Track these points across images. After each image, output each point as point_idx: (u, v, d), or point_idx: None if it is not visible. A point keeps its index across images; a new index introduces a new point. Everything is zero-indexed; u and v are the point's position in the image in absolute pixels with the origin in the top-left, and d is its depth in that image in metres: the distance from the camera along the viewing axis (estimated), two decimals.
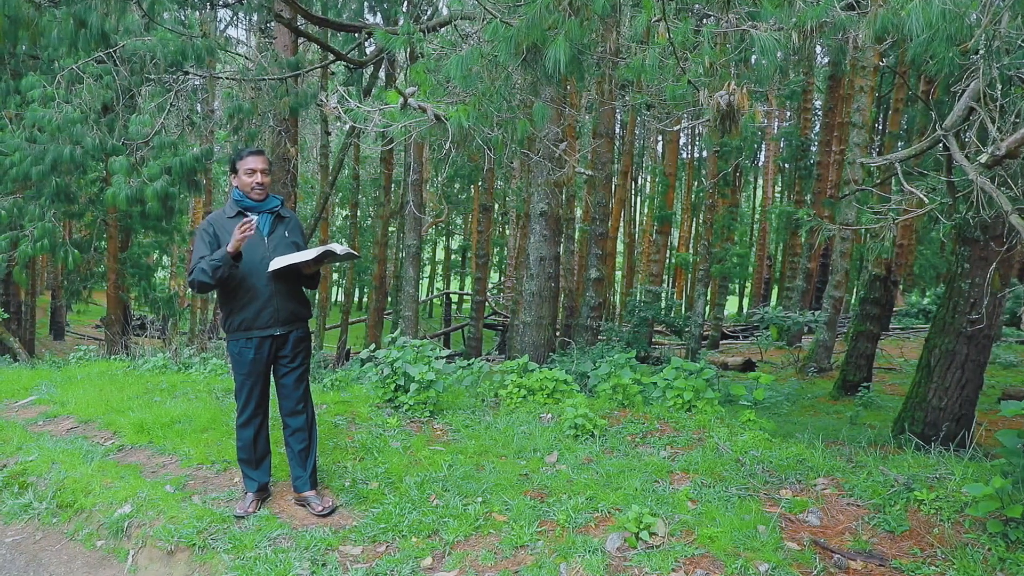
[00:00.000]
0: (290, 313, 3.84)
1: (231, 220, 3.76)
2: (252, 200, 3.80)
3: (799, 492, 3.64)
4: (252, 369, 3.80)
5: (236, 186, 3.84)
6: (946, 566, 2.83)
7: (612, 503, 3.49)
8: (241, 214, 3.78)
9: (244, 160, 3.78)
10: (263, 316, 3.75)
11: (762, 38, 3.91)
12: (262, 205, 3.83)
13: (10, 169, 10.47)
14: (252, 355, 3.77)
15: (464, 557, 3.20)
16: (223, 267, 3.58)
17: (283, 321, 3.81)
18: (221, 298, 3.84)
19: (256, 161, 3.79)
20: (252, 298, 3.74)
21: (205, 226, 3.78)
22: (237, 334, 3.79)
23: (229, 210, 3.82)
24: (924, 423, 7.03)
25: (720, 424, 4.66)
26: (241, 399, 3.87)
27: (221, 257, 3.57)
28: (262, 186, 3.80)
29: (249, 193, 3.79)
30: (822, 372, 15.37)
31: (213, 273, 3.56)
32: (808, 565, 2.92)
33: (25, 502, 4.33)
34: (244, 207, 3.80)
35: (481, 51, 4.77)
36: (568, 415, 4.64)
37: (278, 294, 3.77)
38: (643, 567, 2.92)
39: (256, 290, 3.74)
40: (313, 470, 3.96)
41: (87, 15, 6.62)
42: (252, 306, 3.74)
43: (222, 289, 3.74)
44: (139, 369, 7.43)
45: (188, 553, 3.52)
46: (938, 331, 7.15)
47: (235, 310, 3.77)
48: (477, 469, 4.14)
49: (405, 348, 5.39)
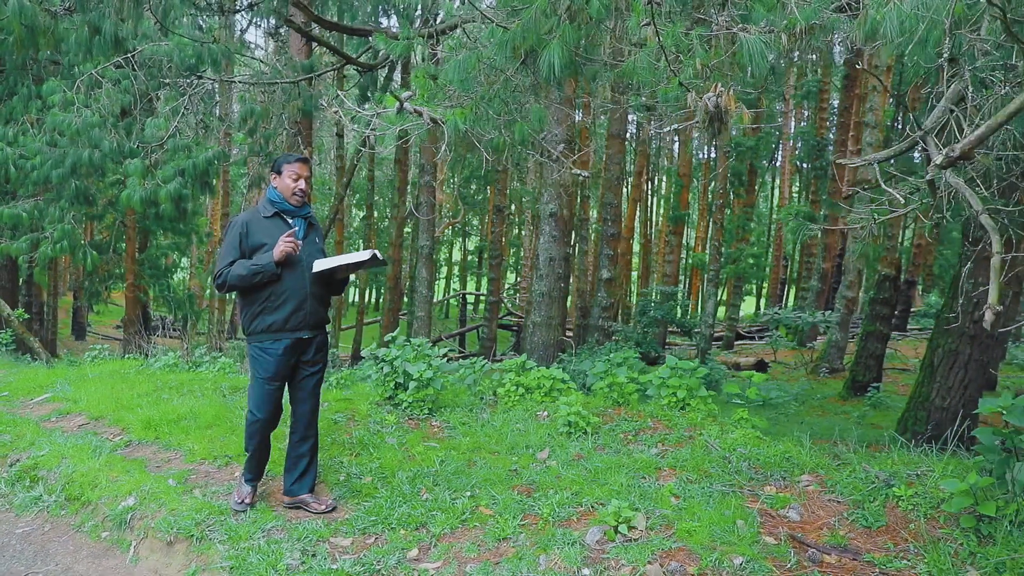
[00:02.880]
0: (319, 317, 3.87)
1: (267, 220, 3.78)
2: (290, 205, 3.81)
3: (783, 488, 3.69)
4: (276, 372, 3.79)
5: (276, 187, 3.83)
6: (917, 560, 2.87)
7: (596, 498, 3.57)
8: (278, 215, 3.80)
9: (291, 164, 3.80)
10: (294, 319, 3.74)
11: (750, 41, 3.96)
12: (299, 211, 3.85)
13: (31, 172, 10.74)
14: (278, 357, 3.75)
15: (449, 549, 3.29)
16: (264, 274, 3.62)
17: (311, 325, 3.82)
18: (245, 301, 3.79)
19: (302, 168, 3.81)
20: (285, 300, 3.72)
21: (239, 227, 3.76)
22: (263, 336, 3.76)
23: (264, 210, 3.82)
24: (927, 422, 7.03)
25: (712, 422, 4.72)
26: (256, 400, 3.83)
27: (265, 264, 3.61)
28: (303, 193, 3.82)
29: (289, 198, 3.80)
30: (834, 372, 15.32)
31: (251, 278, 3.60)
32: (783, 559, 2.97)
33: (35, 495, 4.48)
34: (282, 210, 3.81)
35: (479, 55, 4.87)
36: (562, 413, 4.72)
37: (312, 297, 3.79)
38: (620, 559, 2.99)
39: (291, 292, 3.72)
40: (314, 472, 3.98)
41: (101, 22, 6.80)
42: (284, 308, 3.72)
43: (251, 293, 3.73)
44: (150, 368, 7.60)
45: (186, 544, 3.64)
46: (941, 331, 7.14)
47: (265, 312, 3.73)
48: (469, 465, 4.24)
49: (405, 347, 5.49)
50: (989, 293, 2.44)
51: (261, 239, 3.71)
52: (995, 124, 2.23)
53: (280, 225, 3.78)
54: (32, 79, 12.35)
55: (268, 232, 3.72)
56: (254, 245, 3.71)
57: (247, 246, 3.72)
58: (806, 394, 12.67)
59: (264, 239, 3.70)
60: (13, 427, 5.57)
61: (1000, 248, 2.44)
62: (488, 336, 22.33)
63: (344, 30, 10.60)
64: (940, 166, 2.31)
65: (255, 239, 3.72)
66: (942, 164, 2.30)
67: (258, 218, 3.78)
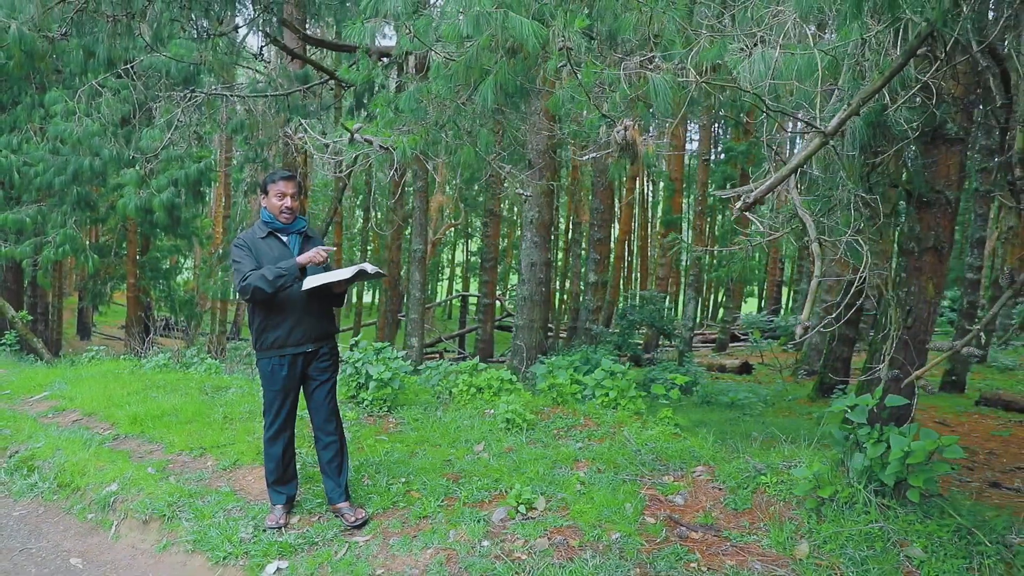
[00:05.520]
0: (321, 330, 3.93)
1: (263, 241, 3.85)
2: (280, 223, 3.89)
3: (679, 478, 4.21)
4: (284, 385, 3.88)
5: (265, 207, 3.92)
6: (763, 535, 3.39)
7: (510, 484, 4.09)
8: (272, 235, 3.89)
9: (275, 184, 3.86)
10: (295, 334, 3.83)
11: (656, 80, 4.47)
12: (290, 227, 3.92)
13: (35, 179, 11.32)
14: (285, 372, 3.85)
15: (378, 526, 3.84)
16: (288, 277, 3.67)
17: (314, 338, 3.89)
18: (253, 317, 3.89)
19: (286, 186, 3.86)
20: (285, 317, 3.80)
21: (240, 243, 3.82)
22: (270, 351, 3.85)
23: (259, 230, 3.89)
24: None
25: (636, 420, 5.23)
26: (270, 415, 3.94)
27: (289, 267, 3.67)
28: (291, 210, 3.88)
29: (278, 216, 3.87)
30: (811, 375, 15.73)
31: (275, 280, 3.63)
32: (655, 535, 3.49)
33: (32, 482, 5.04)
34: (274, 228, 3.90)
35: (428, 88, 5.40)
36: (501, 410, 5.25)
37: (310, 312, 3.85)
38: (516, 534, 3.53)
39: (289, 309, 3.80)
40: (346, 482, 4.05)
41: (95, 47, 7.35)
42: (285, 324, 3.80)
43: (258, 308, 3.82)
44: (143, 368, 8.16)
45: (159, 523, 4.19)
46: (877, 336, 7.62)
47: (268, 328, 3.83)
48: (411, 456, 4.78)
49: (368, 350, 6.03)
50: (804, 309, 2.94)
51: (259, 260, 3.78)
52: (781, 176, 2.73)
53: (275, 245, 3.87)
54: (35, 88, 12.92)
55: (265, 252, 3.81)
56: (256, 265, 3.77)
57: None
58: (778, 396, 13.12)
59: (261, 260, 3.78)
60: (13, 422, 6.14)
61: (819, 272, 2.93)
62: (483, 337, 22.81)
63: (331, 47, 11.12)
64: (740, 210, 2.81)
65: (257, 260, 3.79)
66: (741, 208, 2.81)
67: (255, 239, 3.86)
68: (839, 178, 3.63)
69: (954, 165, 4.84)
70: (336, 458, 4.02)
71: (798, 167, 2.80)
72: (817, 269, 2.93)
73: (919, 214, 5.14)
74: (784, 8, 3.43)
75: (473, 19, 4.47)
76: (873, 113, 3.23)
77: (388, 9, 4.64)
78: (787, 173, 2.74)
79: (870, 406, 3.55)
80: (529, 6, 4.73)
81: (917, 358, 5.46)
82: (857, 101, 2.68)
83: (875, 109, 3.21)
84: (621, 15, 4.89)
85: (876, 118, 3.27)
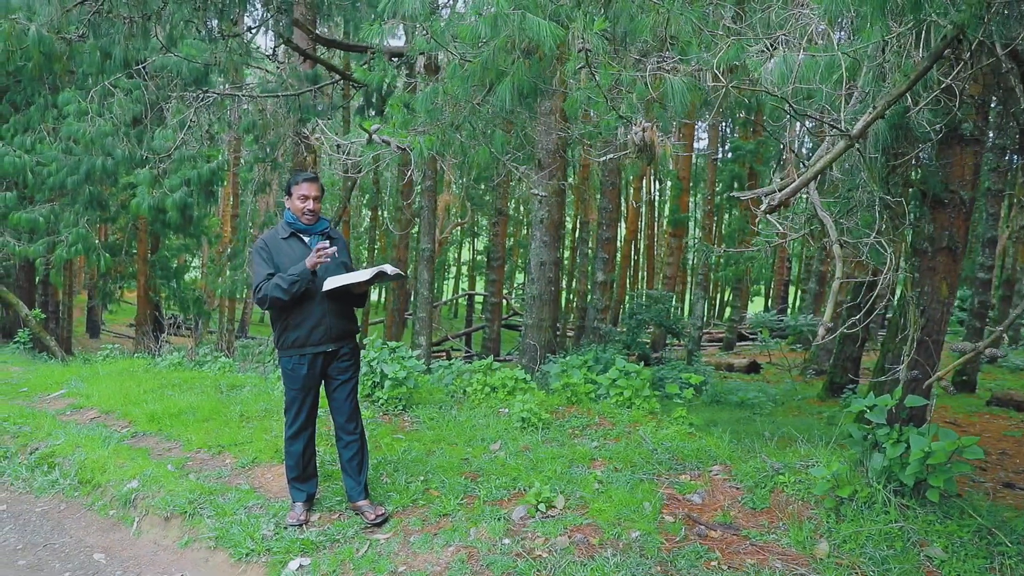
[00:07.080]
0: (341, 330, 3.96)
1: (285, 241, 3.90)
2: (303, 224, 3.95)
3: (696, 477, 4.24)
4: (305, 384, 3.93)
5: (289, 208, 3.97)
6: (782, 534, 3.41)
7: (528, 483, 4.12)
8: (294, 236, 3.94)
9: (299, 186, 3.91)
10: (315, 334, 3.87)
11: (673, 82, 4.49)
12: (313, 228, 3.97)
13: (48, 179, 11.41)
14: (305, 371, 3.90)
15: (399, 523, 3.87)
16: (301, 281, 3.71)
17: (334, 338, 3.93)
18: (274, 316, 3.92)
19: (309, 188, 3.91)
20: (306, 316, 3.84)
21: (261, 245, 3.88)
22: (291, 351, 3.89)
23: (282, 231, 3.95)
24: None
25: (651, 419, 5.26)
26: (291, 413, 3.99)
27: (300, 272, 3.71)
28: (313, 212, 3.93)
29: (300, 217, 3.92)
30: (820, 374, 15.71)
31: (290, 287, 3.69)
32: (674, 533, 3.52)
33: (52, 479, 5.10)
34: (297, 229, 3.95)
35: (444, 88, 5.43)
36: (516, 409, 5.28)
37: (330, 313, 3.89)
38: (536, 532, 3.56)
39: (310, 309, 3.84)
40: (366, 480, 4.08)
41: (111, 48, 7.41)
42: (306, 324, 3.85)
43: (281, 308, 3.84)
44: (157, 367, 8.23)
45: (181, 519, 4.24)
46: (891, 336, 7.63)
47: (289, 328, 3.87)
48: (428, 454, 4.81)
49: (383, 349, 6.07)
50: (826, 312, 2.96)
51: (280, 260, 3.83)
52: (807, 179, 2.75)
53: (297, 245, 3.92)
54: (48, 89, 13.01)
55: (286, 253, 3.86)
56: (275, 267, 3.83)
57: (272, 265, 3.84)
58: (787, 395, 13.12)
59: (282, 260, 3.83)
60: (32, 419, 6.20)
61: (840, 274, 2.95)
62: (490, 336, 22.85)
63: (342, 47, 11.17)
64: (766, 212, 2.83)
65: (276, 261, 3.84)
66: (766, 210, 2.83)
67: (276, 240, 3.91)
68: (860, 180, 3.65)
69: (969, 165, 4.84)
70: (356, 456, 4.05)
71: (824, 169, 2.82)
72: (838, 271, 2.95)
73: (933, 214, 5.14)
74: (806, 11, 3.45)
75: (491, 20, 4.50)
76: (896, 115, 3.25)
77: (406, 11, 4.66)
78: (812, 176, 2.76)
79: (889, 406, 3.57)
80: (545, 7, 4.76)
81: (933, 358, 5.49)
82: (883, 104, 2.70)
83: (897, 111, 3.23)
84: (638, 16, 4.91)
85: (899, 120, 3.29)
